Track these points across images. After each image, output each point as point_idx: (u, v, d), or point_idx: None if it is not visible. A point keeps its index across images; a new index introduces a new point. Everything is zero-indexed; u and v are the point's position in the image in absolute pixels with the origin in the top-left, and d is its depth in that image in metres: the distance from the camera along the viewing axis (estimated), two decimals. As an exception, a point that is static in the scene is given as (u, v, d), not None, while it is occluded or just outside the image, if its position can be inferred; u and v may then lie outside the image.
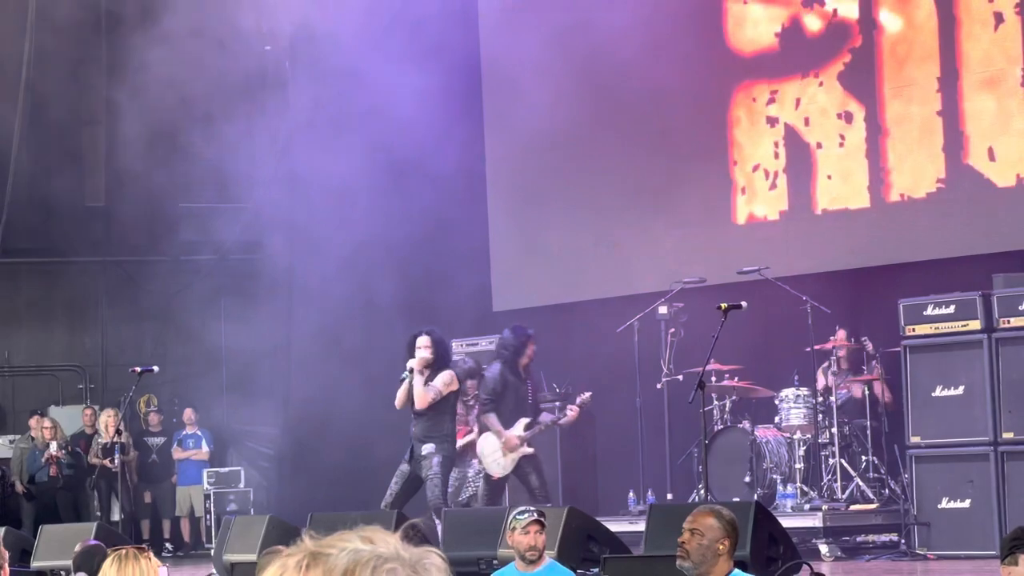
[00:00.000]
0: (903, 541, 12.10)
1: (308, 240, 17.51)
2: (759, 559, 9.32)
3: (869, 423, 13.22)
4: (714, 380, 13.34)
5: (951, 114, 13.89)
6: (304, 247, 17.68)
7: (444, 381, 11.75)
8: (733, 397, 13.75)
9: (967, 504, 11.70)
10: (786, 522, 10.63)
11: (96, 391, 19.25)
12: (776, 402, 13.35)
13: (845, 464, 13.03)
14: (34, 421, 17.94)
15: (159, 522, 18.16)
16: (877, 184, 14.36)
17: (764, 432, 13.42)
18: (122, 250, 18.89)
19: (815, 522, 12.29)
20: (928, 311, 12.01)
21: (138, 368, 13.18)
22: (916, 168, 14.13)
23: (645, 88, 15.50)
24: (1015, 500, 11.44)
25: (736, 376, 13.61)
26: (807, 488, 13.03)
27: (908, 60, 14.21)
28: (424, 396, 11.65)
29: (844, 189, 14.57)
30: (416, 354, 11.79)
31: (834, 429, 13.02)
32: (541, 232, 16.43)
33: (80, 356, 19.49)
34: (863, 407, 13.37)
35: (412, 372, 11.72)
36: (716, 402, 13.74)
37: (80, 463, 17.67)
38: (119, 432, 14.61)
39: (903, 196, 14.23)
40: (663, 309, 14.04)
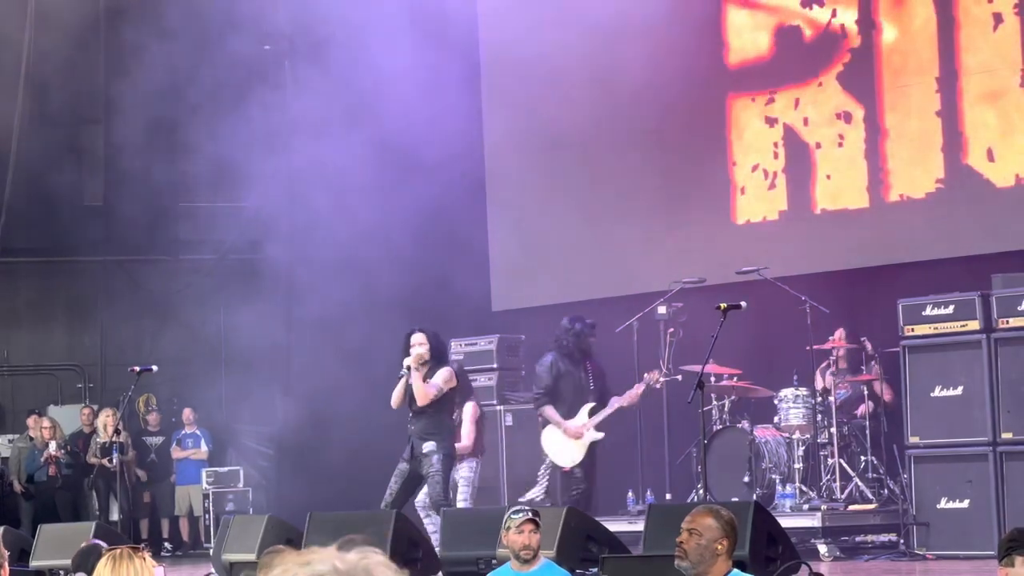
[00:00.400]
0: (902, 541, 12.10)
1: (307, 240, 17.51)
2: (758, 559, 9.32)
3: (868, 423, 13.23)
4: (713, 380, 13.34)
5: (950, 114, 13.89)
6: (303, 247, 17.68)
7: (444, 378, 11.75)
8: (732, 397, 13.75)
9: (966, 504, 11.71)
10: (785, 522, 10.62)
11: (95, 390, 19.25)
12: (775, 402, 13.35)
13: (844, 464, 13.03)
14: (32, 420, 17.94)
15: (158, 522, 18.16)
16: (876, 184, 14.36)
17: (763, 432, 13.42)
18: (121, 249, 18.89)
19: (814, 522, 12.29)
20: (927, 311, 12.01)
21: (137, 368, 13.18)
22: (915, 168, 14.13)
23: (645, 88, 15.49)
24: (1014, 500, 11.44)
25: (735, 376, 13.61)
26: (806, 488, 13.03)
27: (907, 61, 14.22)
28: (425, 393, 11.64)
29: (843, 189, 14.57)
30: (411, 352, 11.80)
31: (833, 429, 13.02)
32: (540, 232, 16.43)
33: (79, 355, 19.48)
34: (862, 407, 13.38)
35: (409, 370, 11.72)
36: (715, 402, 13.73)
37: (79, 463, 17.67)
38: (118, 432, 14.60)
39: (902, 196, 14.23)
40: (662, 309, 14.04)
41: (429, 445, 11.69)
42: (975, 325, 11.74)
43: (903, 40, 14.25)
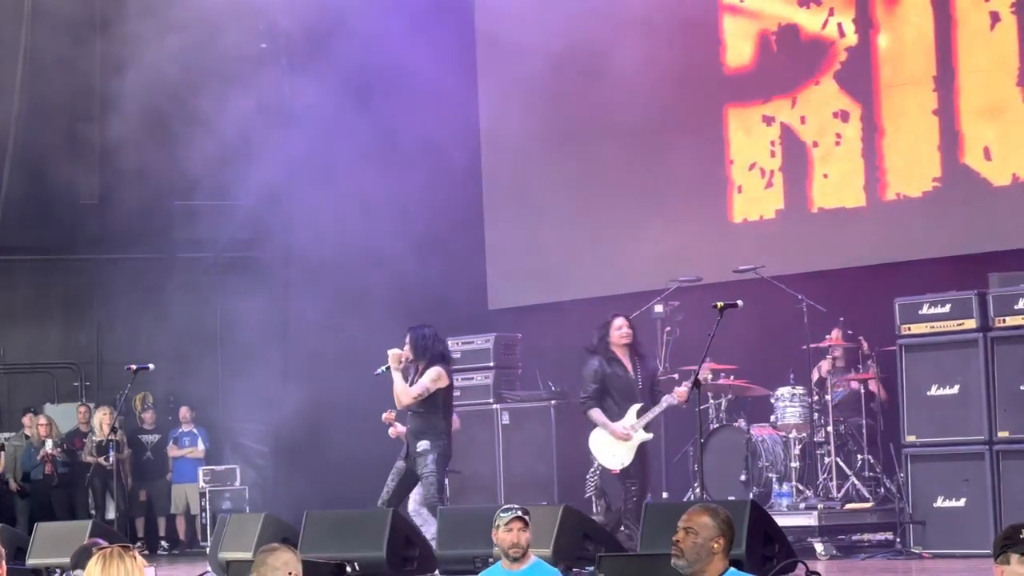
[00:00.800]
0: (898, 540, 12.10)
1: (304, 239, 17.49)
2: (754, 558, 9.31)
3: (865, 422, 13.22)
4: (710, 379, 13.32)
5: (947, 113, 13.90)
6: (300, 245, 17.66)
7: (431, 377, 11.79)
8: (729, 396, 13.74)
9: (962, 503, 11.70)
10: (781, 521, 10.62)
11: (91, 389, 19.24)
12: (772, 401, 13.35)
13: (840, 463, 13.03)
14: (27, 419, 17.91)
15: (154, 520, 18.15)
16: (873, 183, 14.36)
17: (760, 431, 13.42)
18: (118, 247, 18.86)
19: (810, 521, 12.28)
20: (924, 310, 12.01)
21: (133, 366, 13.18)
22: (912, 167, 14.13)
23: (641, 87, 15.49)
24: (1010, 499, 11.44)
25: (732, 375, 13.60)
26: (802, 487, 13.02)
27: (904, 60, 14.21)
28: (407, 392, 11.70)
29: (840, 188, 14.57)
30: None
31: (829, 428, 13.02)
32: (537, 231, 16.43)
33: (75, 354, 19.47)
34: (859, 406, 13.38)
35: (388, 369, 11.82)
36: (712, 401, 13.72)
37: (75, 461, 17.65)
38: (114, 430, 14.60)
39: (899, 195, 14.23)
40: (659, 308, 14.03)
41: (423, 444, 11.72)
42: (972, 324, 11.73)
43: (900, 39, 14.25)
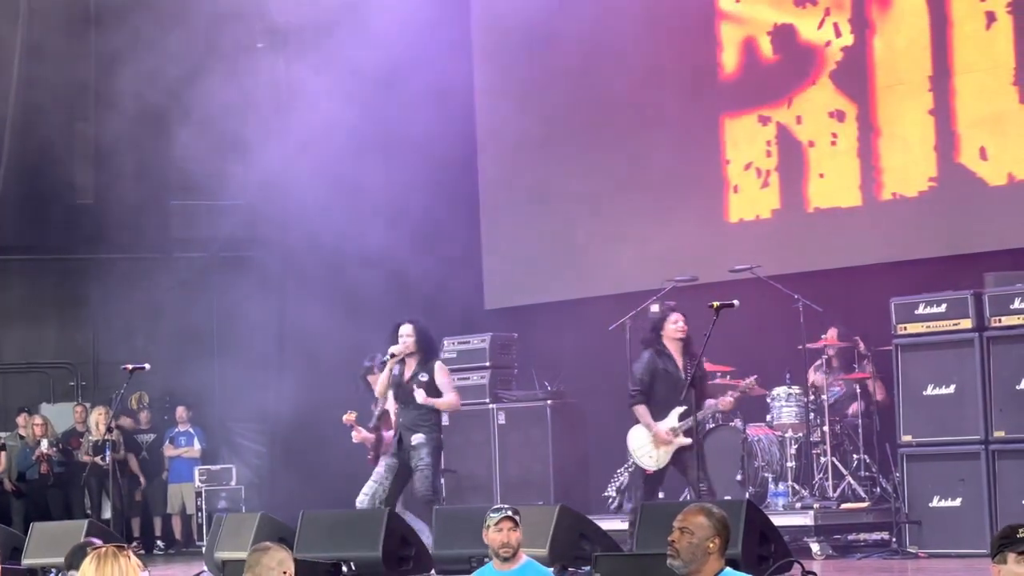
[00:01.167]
0: (894, 539, 12.10)
1: (299, 238, 17.48)
2: (750, 557, 9.32)
3: (861, 421, 13.23)
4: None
5: (943, 113, 13.90)
6: (295, 245, 17.65)
7: (444, 372, 11.95)
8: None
9: (958, 503, 11.70)
10: (777, 520, 10.63)
11: (87, 388, 19.22)
12: (768, 400, 13.35)
13: (836, 463, 13.04)
14: (22, 419, 17.87)
15: (150, 520, 18.14)
16: (869, 183, 14.36)
17: (756, 430, 13.42)
18: (113, 247, 18.84)
19: (806, 520, 12.28)
20: (920, 310, 12.01)
21: (129, 365, 13.17)
22: (908, 167, 14.14)
23: (638, 86, 15.49)
24: (1006, 499, 11.44)
25: (728, 374, 13.60)
26: (798, 486, 13.03)
27: (900, 59, 14.22)
28: (455, 403, 11.97)
29: (836, 188, 14.57)
30: (399, 342, 11.87)
31: (825, 428, 13.02)
32: (533, 231, 16.42)
33: (71, 353, 19.45)
34: (855, 405, 13.38)
35: (391, 357, 11.82)
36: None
37: (71, 460, 17.63)
38: (110, 430, 14.59)
39: (895, 195, 14.23)
40: (655, 308, 14.01)
41: (418, 437, 11.74)
42: (968, 323, 11.74)
43: (896, 39, 14.25)
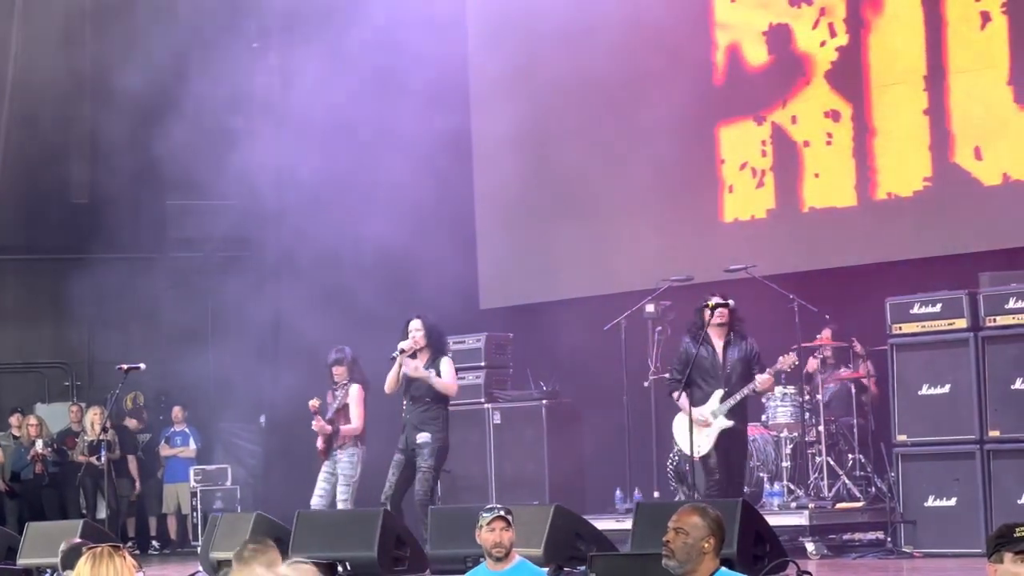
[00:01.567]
0: (889, 539, 12.11)
1: (295, 238, 17.47)
2: (745, 557, 9.33)
3: (856, 421, 13.23)
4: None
5: (938, 113, 13.90)
6: (291, 245, 17.64)
7: (451, 365, 12.06)
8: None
9: (953, 502, 11.71)
10: (773, 520, 10.64)
11: (82, 388, 19.20)
12: (763, 400, 13.35)
13: (832, 462, 13.04)
14: (15, 419, 17.84)
15: (145, 520, 18.12)
16: (864, 182, 14.37)
17: (751, 430, 13.40)
18: (109, 247, 18.82)
19: (801, 520, 12.29)
20: (915, 309, 12.01)
21: (124, 365, 13.17)
22: (903, 167, 14.14)
23: (632, 86, 15.49)
24: (1001, 498, 11.45)
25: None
26: (794, 486, 13.04)
27: (895, 59, 14.22)
28: (452, 385, 12.04)
29: (831, 187, 14.57)
30: (408, 337, 11.94)
31: (821, 427, 13.02)
32: (529, 230, 16.42)
33: (66, 353, 19.43)
34: (850, 405, 13.39)
35: (402, 353, 11.85)
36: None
37: (65, 461, 17.61)
38: (105, 429, 14.58)
39: (890, 195, 14.24)
40: (650, 307, 14.03)
41: (424, 436, 11.77)
42: (962, 323, 11.74)
43: (891, 39, 14.25)
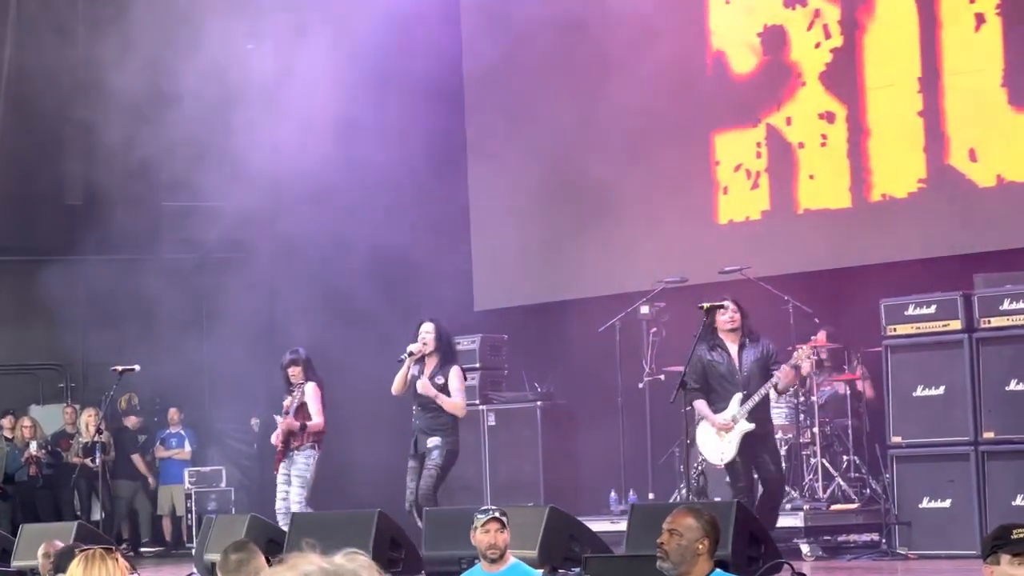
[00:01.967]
0: (884, 541, 12.12)
1: (289, 240, 17.47)
2: (740, 559, 9.32)
3: (850, 423, 13.23)
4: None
5: (932, 114, 13.91)
6: (285, 247, 17.64)
7: (462, 379, 12.03)
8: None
9: (948, 504, 11.72)
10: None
11: (77, 390, 19.19)
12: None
13: (826, 464, 13.04)
14: (7, 421, 17.81)
15: (139, 522, 18.11)
16: (859, 184, 14.37)
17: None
18: (103, 248, 18.81)
19: (796, 522, 12.29)
20: (909, 311, 12.02)
21: (119, 367, 13.15)
22: (897, 168, 14.15)
23: (629, 87, 15.49)
24: (995, 499, 11.45)
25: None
26: (788, 488, 13.03)
27: (889, 60, 14.23)
28: (461, 405, 11.98)
29: (826, 189, 14.58)
30: (418, 340, 11.96)
31: (815, 429, 13.03)
32: (523, 232, 16.42)
33: (61, 355, 19.41)
34: (844, 407, 13.39)
35: (410, 355, 11.86)
36: (698, 402, 13.70)
37: (60, 462, 17.59)
38: (100, 431, 14.57)
39: (884, 196, 14.25)
40: (645, 309, 14.04)
41: (434, 440, 11.81)
42: (957, 325, 11.75)
43: (885, 40, 14.26)
